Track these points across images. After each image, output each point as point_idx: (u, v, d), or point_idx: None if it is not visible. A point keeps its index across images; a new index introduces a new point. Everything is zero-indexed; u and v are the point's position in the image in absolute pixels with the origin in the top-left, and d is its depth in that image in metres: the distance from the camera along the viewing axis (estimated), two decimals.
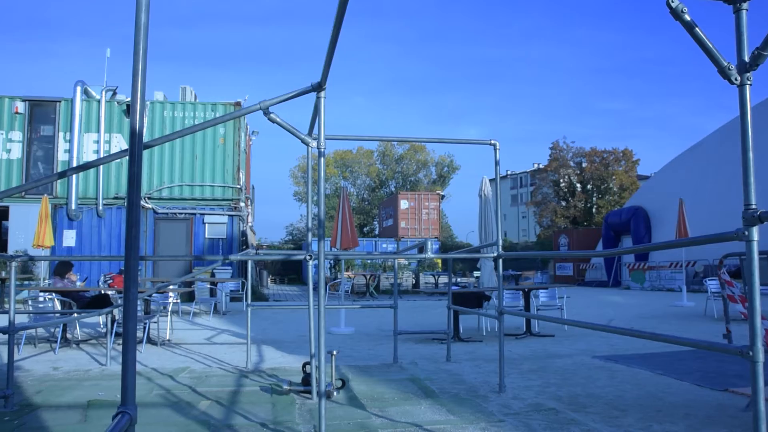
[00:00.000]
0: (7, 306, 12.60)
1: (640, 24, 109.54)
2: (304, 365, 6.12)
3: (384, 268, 27.47)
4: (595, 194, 53.70)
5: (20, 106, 20.23)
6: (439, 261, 28.29)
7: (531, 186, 73.41)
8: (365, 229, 57.54)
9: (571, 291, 17.05)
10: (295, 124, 4.37)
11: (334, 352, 5.76)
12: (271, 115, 4.03)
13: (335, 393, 5.67)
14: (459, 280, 26.18)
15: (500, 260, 6.26)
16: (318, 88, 4.10)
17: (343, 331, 11.02)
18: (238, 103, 20.42)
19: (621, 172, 52.06)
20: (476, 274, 25.18)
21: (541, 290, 11.55)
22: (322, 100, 4.16)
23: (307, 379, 5.81)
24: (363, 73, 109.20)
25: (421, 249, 15.40)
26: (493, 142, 6.15)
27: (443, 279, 24.54)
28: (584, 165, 53.70)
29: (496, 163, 6.19)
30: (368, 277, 22.63)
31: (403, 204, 35.29)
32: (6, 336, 5.44)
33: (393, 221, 36.52)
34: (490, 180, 12.93)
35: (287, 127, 4.15)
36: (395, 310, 7.85)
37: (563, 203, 54.23)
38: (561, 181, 54.74)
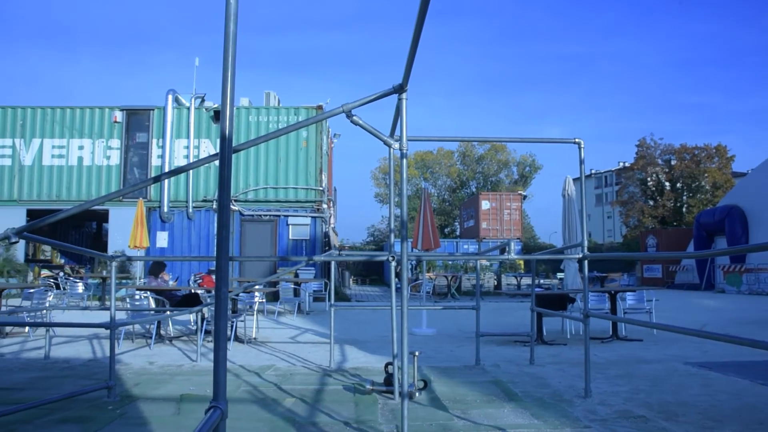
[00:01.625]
0: (108, 303, 13.34)
1: (730, 13, 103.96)
2: (386, 365, 6.15)
3: (465, 269, 27.26)
4: (685, 193, 51.37)
5: (118, 116, 21.38)
6: (522, 262, 27.82)
7: (616, 185, 70.97)
8: (446, 230, 57.30)
9: (660, 294, 16.40)
10: (376, 126, 4.40)
11: (417, 353, 5.76)
12: (354, 117, 4.07)
13: (417, 394, 5.67)
14: (542, 281, 25.67)
15: (585, 262, 6.09)
16: (400, 89, 4.11)
17: (425, 332, 11.01)
18: (320, 107, 20.79)
19: (714, 169, 49.53)
20: (560, 275, 24.59)
21: (628, 293, 11.15)
22: (404, 101, 4.17)
23: (389, 380, 5.84)
24: (442, 74, 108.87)
25: (503, 250, 15.20)
26: (577, 140, 5.99)
27: (525, 280, 24.12)
28: (673, 162, 51.45)
29: (581, 161, 6.02)
30: (449, 278, 22.52)
31: (485, 204, 34.92)
32: (108, 331, 5.74)
33: (474, 222, 36.20)
34: (574, 179, 12.61)
35: (370, 129, 4.19)
36: (477, 312, 7.78)
37: (651, 203, 52.14)
38: (648, 179, 52.64)
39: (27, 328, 10.38)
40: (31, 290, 10.79)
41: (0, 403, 5.44)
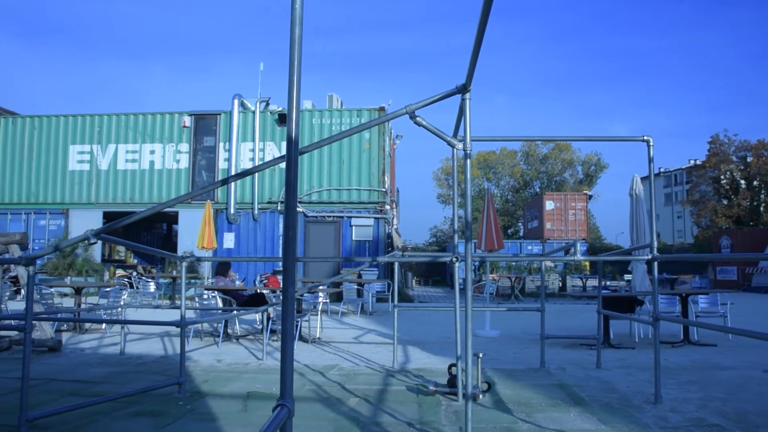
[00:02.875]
0: (178, 302, 13.75)
1: None
2: (449, 367, 6.13)
3: (529, 270, 26.87)
4: (763, 191, 49.10)
5: (187, 120, 22.07)
6: (587, 263, 27.21)
7: (687, 184, 68.46)
8: (510, 230, 56.63)
9: (736, 297, 15.74)
10: (438, 127, 4.40)
11: (480, 355, 5.72)
12: (417, 118, 4.08)
13: (481, 396, 5.63)
14: (608, 283, 25.04)
15: (655, 263, 5.91)
16: (463, 89, 4.10)
17: (488, 333, 10.91)
18: (382, 108, 20.89)
19: None
20: (627, 277, 23.92)
21: (700, 295, 10.74)
22: (468, 101, 4.15)
23: (452, 381, 5.82)
24: (505, 73, 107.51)
25: (568, 251, 14.89)
26: (645, 137, 5.82)
27: (591, 282, 23.57)
28: (749, 159, 49.24)
29: (650, 160, 5.85)
30: (513, 279, 22.24)
31: (549, 205, 34.32)
32: (179, 329, 5.93)
33: (538, 222, 35.64)
34: (642, 178, 12.25)
35: (433, 130, 4.19)
36: (542, 314, 7.66)
37: (725, 202, 50.03)
38: (722, 177, 50.55)
39: (104, 325, 10.83)
40: (108, 289, 11.26)
41: (81, 395, 5.70)
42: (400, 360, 8.05)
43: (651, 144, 5.82)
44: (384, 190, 20.81)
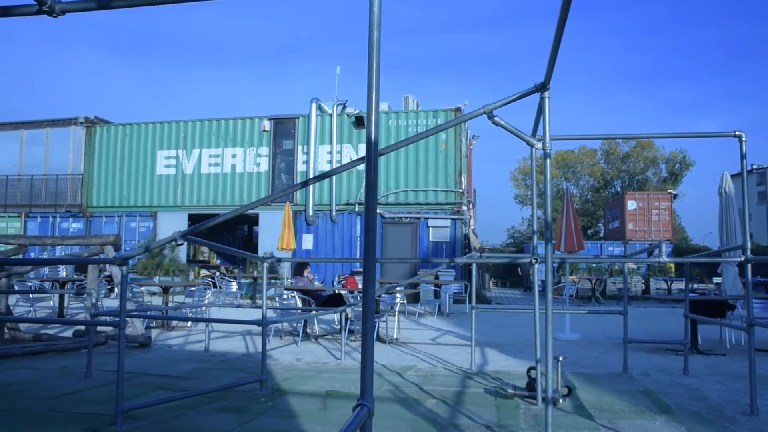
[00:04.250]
0: (259, 302, 14.10)
1: None
2: (528, 370, 6.04)
3: (611, 272, 26.07)
4: None
5: (267, 125, 22.66)
6: (672, 265, 26.15)
7: None
8: (589, 231, 55.13)
9: None
10: (515, 126, 4.34)
11: (560, 358, 5.61)
12: (495, 118, 4.04)
13: (561, 400, 5.51)
14: (695, 286, 23.99)
15: (748, 265, 5.62)
16: (542, 88, 4.03)
17: (568, 336, 10.67)
18: (458, 109, 20.77)
19: None
20: (716, 280, 22.86)
21: None
22: (546, 100, 4.08)
23: (531, 384, 5.73)
24: (584, 70, 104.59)
25: (652, 252, 14.35)
26: (737, 133, 5.54)
27: (677, 285, 22.65)
28: None
29: (742, 156, 5.57)
30: (594, 281, 21.65)
31: (631, 204, 33.18)
32: (260, 328, 6.10)
33: (620, 223, 34.52)
34: (733, 175, 11.69)
35: (511, 129, 4.14)
36: (625, 317, 7.42)
37: None
38: None
39: (189, 323, 11.25)
40: (193, 288, 11.69)
41: (169, 389, 5.95)
42: (478, 362, 7.98)
43: (743, 140, 5.55)
44: (461, 190, 20.68)
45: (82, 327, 9.48)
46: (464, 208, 20.84)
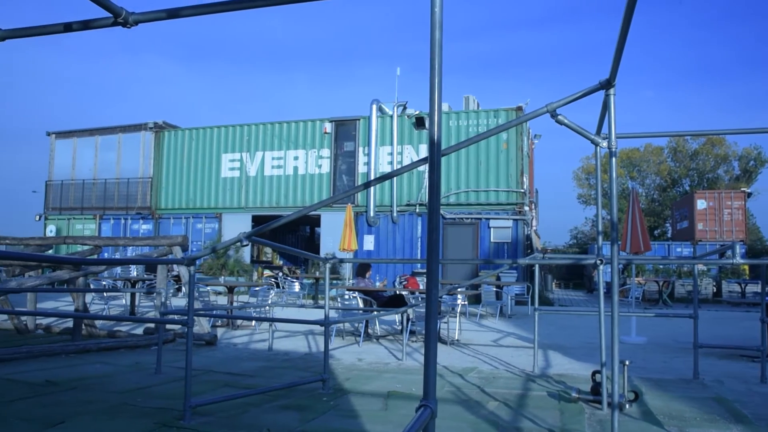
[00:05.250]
0: (321, 302, 14.25)
1: None
2: (593, 374, 5.91)
3: (679, 274, 25.24)
4: None
5: (328, 127, 22.95)
6: (746, 267, 25.08)
7: None
8: (656, 231, 53.48)
9: None
10: (579, 124, 4.26)
11: (627, 362, 5.46)
12: (559, 117, 3.98)
13: (627, 406, 5.37)
14: None
15: None
16: (607, 85, 3.94)
17: (634, 340, 10.39)
18: (519, 108, 20.52)
19: None
20: None
21: None
22: (612, 97, 3.99)
23: (596, 389, 5.60)
24: (651, 65, 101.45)
25: (724, 253, 13.83)
26: None
27: (751, 288, 21.71)
28: None
29: None
30: (661, 283, 21.00)
31: (700, 204, 32.01)
32: (322, 328, 6.18)
33: (688, 223, 33.36)
34: None
35: (575, 128, 4.06)
36: (695, 321, 7.17)
37: None
38: None
39: (254, 322, 11.49)
40: (257, 288, 11.94)
41: (235, 386, 6.10)
42: (541, 365, 7.86)
43: None
44: (522, 191, 20.42)
45: (152, 324, 9.82)
46: (526, 208, 20.56)
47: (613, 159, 4.09)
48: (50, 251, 13.63)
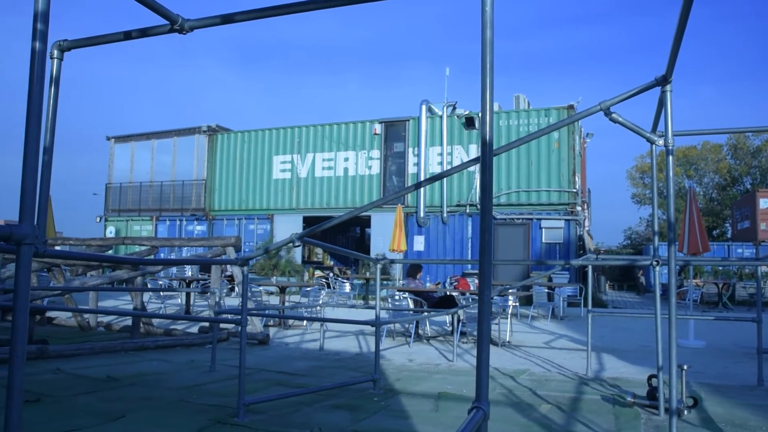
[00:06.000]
0: (371, 302, 14.31)
1: None
2: (649, 378, 5.77)
3: (740, 275, 24.39)
4: None
5: (378, 128, 23.03)
6: None
7: None
8: (715, 232, 51.81)
9: None
10: (633, 121, 4.16)
11: (685, 367, 5.31)
12: (613, 114, 3.90)
13: (686, 412, 5.22)
14: None
15: None
16: (663, 81, 3.84)
17: (692, 344, 10.08)
18: (571, 107, 20.18)
19: None
20: None
21: None
22: (669, 94, 3.88)
23: (652, 393, 5.46)
24: (710, 58, 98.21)
25: None
26: None
27: None
28: None
29: None
30: (721, 285, 20.33)
31: (764, 203, 30.84)
32: (373, 328, 6.21)
33: (750, 223, 32.20)
34: None
35: (630, 126, 3.97)
36: (759, 324, 6.92)
37: None
38: None
39: (305, 322, 11.62)
40: (308, 288, 12.07)
41: (287, 385, 6.18)
42: (594, 368, 7.72)
43: None
44: (575, 190, 20.08)
45: (207, 323, 10.03)
46: (578, 208, 20.20)
47: (670, 157, 3.98)
48: (110, 251, 14.08)
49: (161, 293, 13.38)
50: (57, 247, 11.88)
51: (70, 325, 10.84)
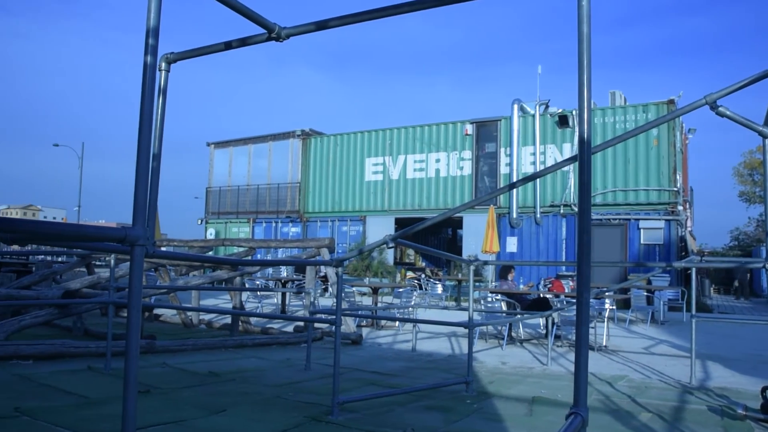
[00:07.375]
0: (464, 304, 14.25)
1: None
2: (763, 390, 5.42)
3: None
4: None
5: (469, 128, 22.86)
6: None
7: None
8: None
9: None
10: (741, 115, 3.92)
11: None
12: (720, 108, 3.69)
13: None
14: None
15: None
16: None
17: None
18: (671, 101, 19.26)
19: None
20: None
21: None
22: None
23: (767, 406, 5.13)
24: None
25: None
26: None
27: None
28: None
29: None
30: None
31: None
32: (466, 330, 6.17)
33: None
34: None
35: (740, 119, 3.75)
36: None
37: None
38: None
39: (397, 323, 11.69)
40: (400, 289, 12.14)
41: (379, 385, 6.24)
42: (699, 376, 7.33)
43: None
44: (675, 189, 19.16)
45: (302, 323, 10.28)
46: (680, 207, 19.26)
47: None
48: (210, 252, 14.70)
49: (258, 293, 13.84)
50: (163, 248, 12.53)
51: (174, 322, 11.41)
